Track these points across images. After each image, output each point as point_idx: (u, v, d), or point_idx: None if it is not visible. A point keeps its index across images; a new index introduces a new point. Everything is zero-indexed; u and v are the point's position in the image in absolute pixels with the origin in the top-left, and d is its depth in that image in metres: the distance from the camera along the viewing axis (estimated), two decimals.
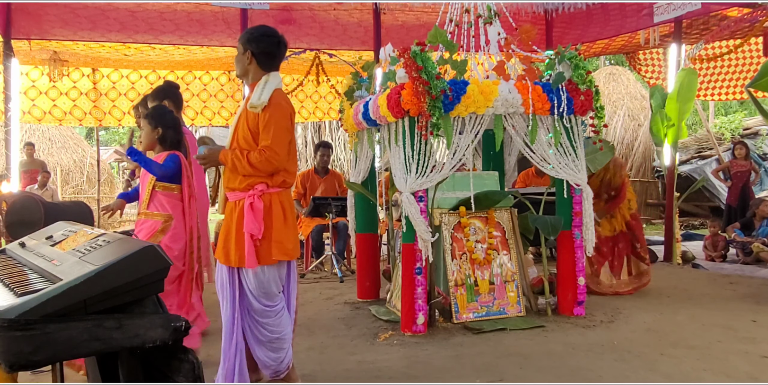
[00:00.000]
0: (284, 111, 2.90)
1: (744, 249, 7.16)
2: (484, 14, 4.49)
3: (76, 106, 9.12)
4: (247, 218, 2.86)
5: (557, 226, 4.40)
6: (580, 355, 3.58)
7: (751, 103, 10.02)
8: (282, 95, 2.96)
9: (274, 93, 2.90)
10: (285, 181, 2.95)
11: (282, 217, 2.91)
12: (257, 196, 2.87)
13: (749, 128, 12.75)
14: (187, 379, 1.90)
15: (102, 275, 1.76)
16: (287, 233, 2.91)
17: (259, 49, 2.95)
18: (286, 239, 2.90)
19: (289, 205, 2.97)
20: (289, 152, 2.93)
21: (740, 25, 7.59)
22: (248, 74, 3.00)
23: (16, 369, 1.66)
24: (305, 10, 7.53)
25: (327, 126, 20.22)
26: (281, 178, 2.92)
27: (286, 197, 2.98)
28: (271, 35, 2.98)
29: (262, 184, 2.89)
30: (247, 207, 2.87)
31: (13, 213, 5.59)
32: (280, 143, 2.84)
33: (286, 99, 2.99)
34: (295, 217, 3.04)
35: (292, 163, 2.98)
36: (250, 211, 2.86)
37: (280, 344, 2.98)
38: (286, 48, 3.07)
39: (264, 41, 2.95)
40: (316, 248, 6.74)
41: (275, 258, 2.88)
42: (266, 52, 2.96)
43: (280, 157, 2.84)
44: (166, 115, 3.66)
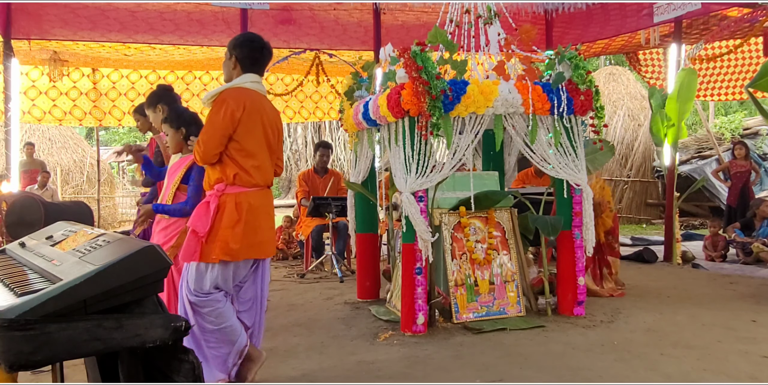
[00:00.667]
0: (226, 107, 2.94)
1: (744, 249, 7.16)
2: (484, 15, 4.49)
3: (76, 106, 9.12)
4: (194, 214, 3.00)
5: (557, 226, 4.40)
6: (580, 355, 3.58)
7: (751, 103, 10.02)
8: (235, 92, 3.00)
9: (226, 90, 3.00)
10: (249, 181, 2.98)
11: (235, 218, 2.94)
12: (215, 195, 2.98)
13: (749, 128, 12.75)
14: (187, 379, 1.90)
15: (102, 275, 1.76)
16: (234, 234, 2.93)
17: (242, 55, 3.07)
18: (232, 240, 2.93)
19: (252, 206, 2.98)
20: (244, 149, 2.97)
21: (740, 25, 7.59)
22: (233, 79, 3.10)
23: (16, 369, 1.66)
24: (305, 10, 7.53)
25: (327, 126, 20.25)
26: (242, 177, 2.97)
27: (254, 198, 3.00)
28: (254, 41, 3.10)
29: (220, 184, 2.99)
30: (201, 204, 3.03)
31: (13, 213, 5.59)
32: (207, 138, 2.94)
33: (238, 96, 2.99)
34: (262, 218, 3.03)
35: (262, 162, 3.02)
36: (201, 207, 3.00)
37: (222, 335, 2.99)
38: (270, 53, 3.17)
39: (248, 47, 3.07)
40: (316, 248, 6.74)
41: (217, 258, 2.93)
42: (250, 57, 3.07)
43: (205, 151, 2.95)
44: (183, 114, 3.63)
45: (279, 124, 3.21)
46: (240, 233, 2.95)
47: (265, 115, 3.06)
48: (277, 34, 7.74)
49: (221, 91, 3.01)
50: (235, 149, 2.98)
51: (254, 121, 3.00)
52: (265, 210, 3.07)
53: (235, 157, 2.98)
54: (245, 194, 2.99)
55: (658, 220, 11.40)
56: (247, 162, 2.99)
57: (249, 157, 3.00)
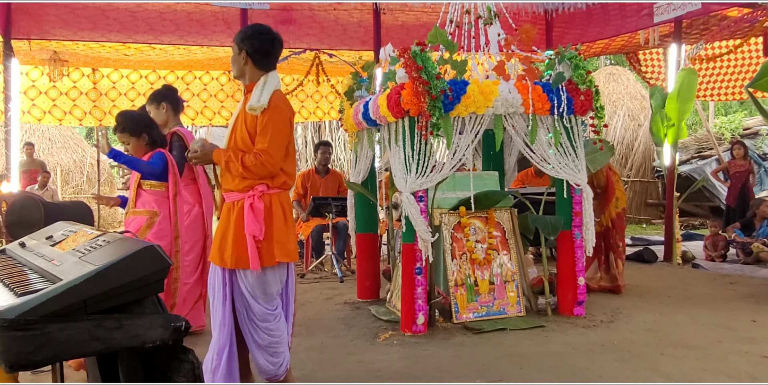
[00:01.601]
0: (283, 114, 2.83)
1: (744, 249, 7.16)
2: (484, 15, 4.49)
3: (76, 105, 9.12)
4: (248, 219, 2.79)
5: (557, 226, 4.40)
6: (580, 355, 3.58)
7: (751, 103, 10.02)
8: (281, 97, 2.89)
9: (274, 95, 2.83)
10: (285, 182, 2.91)
11: (282, 218, 2.86)
12: (257, 197, 2.81)
13: (749, 128, 12.75)
14: (187, 379, 1.90)
15: (102, 275, 1.76)
16: (288, 234, 2.87)
17: (253, 48, 2.86)
18: (287, 240, 2.85)
19: (288, 206, 2.94)
20: (288, 154, 2.89)
21: (740, 25, 7.59)
22: (245, 75, 2.92)
23: (16, 369, 1.66)
24: (305, 10, 7.53)
25: (327, 126, 20.22)
26: (282, 179, 2.88)
27: (285, 198, 2.95)
28: (264, 33, 2.89)
29: (262, 186, 2.83)
30: (247, 208, 2.80)
31: (13, 213, 5.60)
32: (276, 147, 2.77)
33: (286, 101, 2.92)
34: (293, 218, 3.01)
35: (291, 164, 2.93)
36: (250, 212, 2.80)
37: (279, 347, 2.91)
38: (282, 45, 2.97)
39: (257, 39, 2.86)
40: (316, 248, 6.74)
41: (278, 259, 2.82)
42: (261, 51, 2.87)
43: (275, 162, 2.77)
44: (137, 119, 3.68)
45: None
46: (292, 233, 2.89)
47: None
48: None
49: (270, 95, 2.81)
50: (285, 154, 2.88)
51: (293, 125, 2.93)
52: (292, 211, 3.01)
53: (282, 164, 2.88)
54: (283, 195, 2.91)
55: (658, 220, 11.40)
56: (290, 166, 2.91)
57: (291, 160, 2.91)
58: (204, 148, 2.91)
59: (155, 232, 3.66)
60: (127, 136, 3.62)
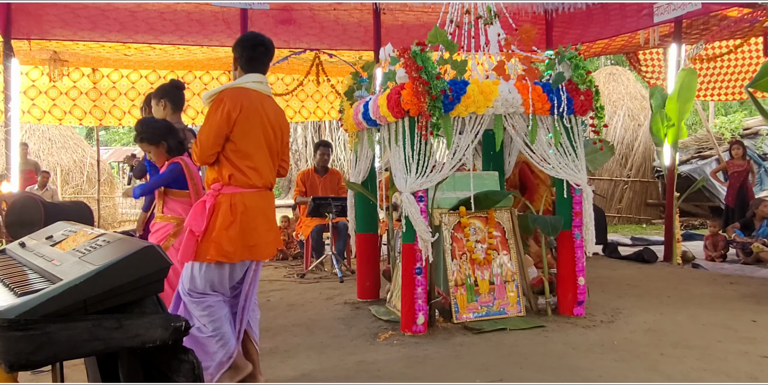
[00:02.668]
0: (222, 107, 2.91)
1: (744, 249, 7.16)
2: (484, 15, 4.49)
3: (76, 105, 9.12)
4: (191, 213, 2.98)
5: (557, 226, 4.40)
6: (580, 355, 3.58)
7: (751, 103, 10.02)
8: (233, 92, 2.97)
9: (226, 90, 2.99)
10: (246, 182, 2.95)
11: (229, 219, 2.91)
12: (211, 195, 2.96)
13: (749, 128, 12.75)
14: (187, 379, 1.90)
15: (102, 275, 1.76)
16: (228, 235, 2.90)
17: (239, 55, 3.06)
18: (226, 241, 2.90)
19: (244, 207, 2.94)
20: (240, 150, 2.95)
21: (740, 25, 7.59)
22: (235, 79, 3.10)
23: (16, 369, 1.66)
24: (305, 10, 7.53)
25: (327, 126, 20.26)
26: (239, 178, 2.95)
27: (244, 200, 2.96)
28: (249, 39, 3.08)
29: (216, 184, 2.98)
30: (198, 203, 3.00)
31: (13, 213, 5.60)
32: (205, 137, 2.93)
33: (236, 96, 2.96)
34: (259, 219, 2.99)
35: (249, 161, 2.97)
36: (197, 206, 2.98)
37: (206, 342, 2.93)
38: (269, 50, 3.11)
39: (241, 45, 3.06)
40: (316, 248, 6.74)
41: (212, 258, 2.90)
42: (245, 57, 3.05)
43: (201, 151, 2.94)
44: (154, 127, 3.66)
45: (283, 125, 3.16)
46: (235, 234, 2.92)
47: (265, 115, 3.02)
48: (277, 34, 7.73)
49: (220, 90, 2.99)
50: (231, 150, 2.96)
51: (252, 122, 2.96)
52: (262, 211, 3.02)
53: (230, 158, 2.96)
54: (241, 195, 2.95)
55: (658, 220, 11.40)
56: (242, 163, 2.96)
57: (245, 157, 2.96)
58: None
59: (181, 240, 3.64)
60: (147, 145, 3.60)
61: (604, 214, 8.05)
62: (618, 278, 6.05)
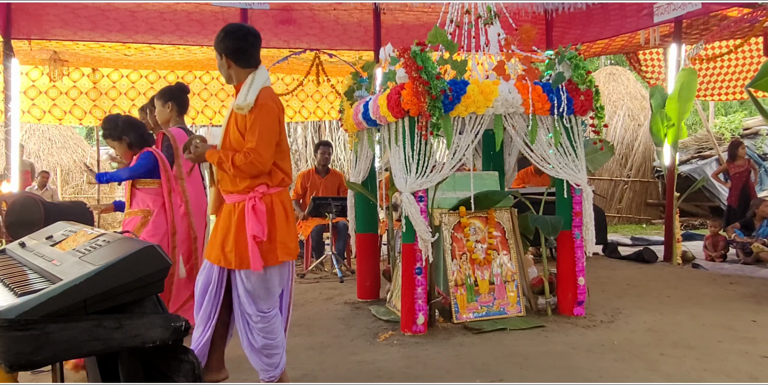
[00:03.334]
0: (271, 111, 2.81)
1: (744, 249, 7.16)
2: (484, 15, 4.49)
3: (76, 105, 9.11)
4: (250, 221, 2.79)
5: (557, 226, 4.40)
6: (580, 355, 3.58)
7: (751, 103, 10.01)
8: (269, 94, 2.86)
9: (261, 92, 2.82)
10: (284, 179, 2.92)
11: (284, 217, 2.88)
12: (258, 198, 2.82)
13: (749, 128, 12.74)
14: (187, 379, 1.90)
15: (102, 275, 1.76)
16: (290, 233, 2.89)
17: (229, 50, 2.85)
18: (289, 239, 2.87)
19: (289, 203, 2.95)
20: (282, 151, 2.89)
21: (740, 25, 7.59)
22: (233, 78, 2.92)
23: (16, 369, 1.66)
24: (305, 10, 7.53)
25: (327, 126, 20.23)
26: (279, 176, 2.88)
27: (286, 197, 2.96)
28: (235, 31, 2.87)
29: (262, 186, 2.84)
30: (248, 209, 2.80)
31: (13, 213, 5.58)
32: (265, 145, 2.76)
33: (274, 97, 2.90)
34: (294, 216, 3.01)
35: (286, 161, 2.93)
36: (252, 213, 2.79)
37: (274, 349, 2.93)
38: (258, 39, 2.90)
39: (230, 39, 2.85)
40: (316, 248, 6.74)
41: (281, 259, 2.84)
42: (238, 49, 2.85)
43: (265, 160, 2.77)
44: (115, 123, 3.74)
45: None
46: (293, 231, 2.91)
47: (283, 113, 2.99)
48: (277, 34, 7.73)
49: (258, 94, 2.81)
50: (277, 152, 2.85)
51: (283, 122, 2.92)
52: (293, 208, 3.03)
53: (276, 161, 2.86)
54: (283, 193, 2.93)
55: (658, 220, 11.40)
56: (285, 164, 2.91)
57: (285, 158, 2.91)
58: (197, 148, 2.93)
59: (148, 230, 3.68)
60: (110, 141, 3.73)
61: (604, 214, 8.04)
62: (618, 278, 6.05)
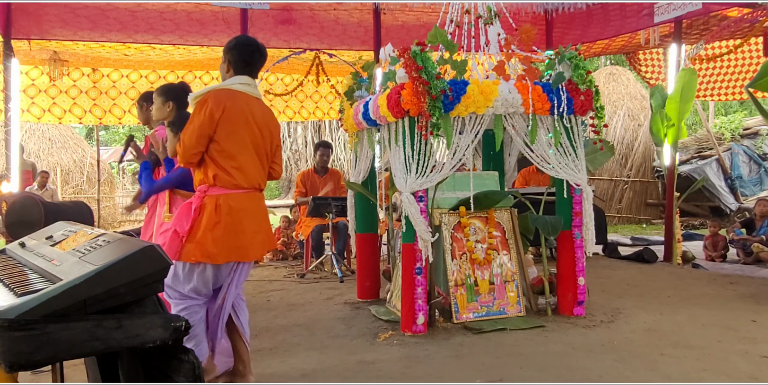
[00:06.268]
0: (206, 107, 2.93)
1: (744, 249, 7.16)
2: (484, 15, 4.49)
3: (75, 104, 9.12)
4: (177, 214, 3.04)
5: (557, 226, 4.40)
6: (580, 355, 3.58)
7: (751, 103, 10.01)
8: (217, 93, 2.99)
9: (210, 91, 3.00)
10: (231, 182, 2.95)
11: (214, 219, 2.91)
12: (198, 196, 2.99)
13: (749, 128, 12.74)
14: (188, 379, 1.90)
15: (102, 275, 1.76)
16: (213, 236, 2.90)
17: (234, 58, 3.08)
18: (211, 242, 2.90)
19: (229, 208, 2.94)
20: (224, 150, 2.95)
21: (740, 25, 7.58)
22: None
23: (16, 369, 1.66)
24: (305, 10, 7.53)
25: (327, 126, 20.26)
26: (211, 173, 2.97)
27: (234, 200, 2.96)
28: (247, 44, 3.11)
29: (203, 185, 3.00)
30: (184, 204, 3.04)
31: (13, 213, 5.59)
32: (188, 138, 2.95)
33: (220, 97, 2.97)
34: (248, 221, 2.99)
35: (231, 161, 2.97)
36: (184, 208, 3.02)
37: None
38: (264, 56, 3.16)
39: (239, 50, 3.08)
40: (316, 248, 6.74)
41: (194, 258, 2.91)
42: (241, 60, 3.08)
43: (184, 151, 2.97)
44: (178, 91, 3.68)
45: (272, 126, 3.16)
46: (219, 236, 2.91)
47: (251, 116, 3.02)
48: (277, 34, 7.74)
49: (205, 92, 3.01)
50: (215, 150, 2.97)
51: (236, 123, 2.97)
52: (249, 213, 3.00)
53: (215, 158, 2.97)
54: (226, 196, 2.95)
55: (658, 220, 11.39)
56: (227, 163, 2.97)
57: (229, 158, 2.97)
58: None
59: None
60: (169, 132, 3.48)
61: (604, 214, 8.04)
62: (618, 278, 6.05)
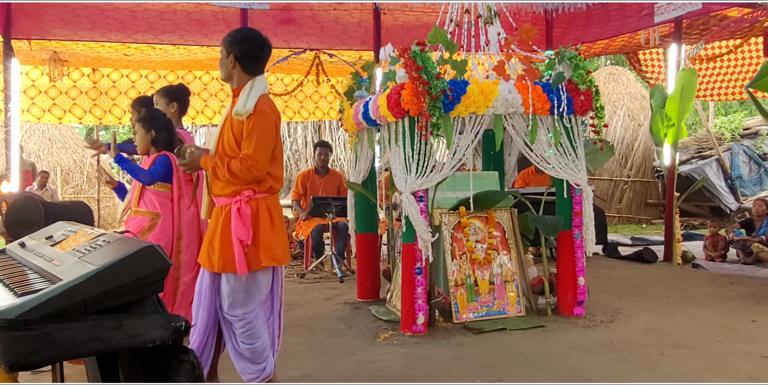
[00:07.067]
0: (269, 119, 2.84)
1: (744, 249, 7.16)
2: (484, 14, 4.49)
3: (75, 104, 9.12)
4: (235, 224, 2.81)
5: (557, 226, 4.40)
6: (580, 355, 3.58)
7: (751, 103, 10.01)
8: (267, 102, 2.90)
9: (260, 100, 2.84)
10: (272, 186, 2.93)
11: (269, 222, 2.88)
12: (244, 201, 2.84)
13: (749, 128, 12.74)
14: (187, 379, 1.90)
15: (102, 275, 1.76)
16: (275, 239, 2.88)
17: (242, 53, 2.88)
18: (274, 245, 2.87)
19: (276, 210, 2.94)
20: (274, 158, 2.90)
21: (740, 25, 7.58)
22: (232, 78, 2.94)
23: (16, 369, 1.66)
24: (305, 10, 7.53)
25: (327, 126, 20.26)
26: (268, 183, 2.90)
27: (273, 202, 2.95)
28: (254, 38, 2.91)
29: (248, 190, 2.86)
30: (234, 212, 2.82)
31: (13, 213, 5.58)
32: (261, 153, 2.79)
33: (272, 105, 2.93)
34: (283, 222, 2.99)
35: (278, 168, 2.95)
36: (237, 216, 2.81)
37: (259, 355, 2.91)
38: (270, 51, 2.98)
39: (247, 44, 2.88)
40: (316, 248, 6.74)
41: (264, 264, 2.84)
42: (250, 56, 2.89)
43: (261, 167, 2.79)
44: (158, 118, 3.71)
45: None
46: (279, 237, 2.90)
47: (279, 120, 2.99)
48: (277, 34, 7.74)
49: (257, 101, 2.83)
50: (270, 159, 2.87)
51: (278, 130, 2.93)
52: (282, 214, 3.03)
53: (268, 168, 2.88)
54: (271, 199, 2.93)
55: (658, 220, 11.39)
56: (276, 170, 2.92)
57: (277, 164, 2.93)
58: (192, 155, 2.94)
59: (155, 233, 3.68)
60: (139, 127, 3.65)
61: (604, 214, 8.04)
62: (618, 278, 6.05)
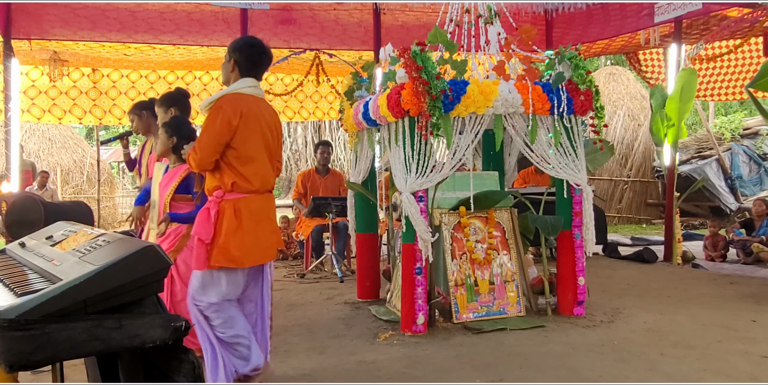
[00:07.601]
0: (222, 114, 2.90)
1: (744, 249, 7.16)
2: (485, 14, 4.49)
3: (75, 104, 9.12)
4: (196, 222, 3.00)
5: (557, 226, 4.40)
6: (580, 355, 3.58)
7: (751, 103, 10.01)
8: (232, 98, 2.96)
9: (223, 96, 2.97)
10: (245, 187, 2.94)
11: (235, 223, 2.91)
12: (215, 202, 2.95)
13: (749, 128, 12.74)
14: (188, 379, 1.90)
15: (102, 275, 1.76)
16: (238, 240, 2.91)
17: (241, 58, 3.04)
18: (233, 246, 2.90)
19: (248, 212, 2.95)
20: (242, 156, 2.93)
21: (740, 25, 7.59)
22: (230, 82, 3.08)
23: (16, 369, 1.66)
24: (305, 10, 7.53)
25: (327, 126, 20.26)
26: (231, 180, 2.93)
27: (246, 204, 2.96)
28: (255, 46, 3.07)
29: (219, 191, 2.97)
30: (201, 211, 2.99)
31: (13, 213, 5.58)
32: (205, 145, 2.91)
33: (236, 103, 2.96)
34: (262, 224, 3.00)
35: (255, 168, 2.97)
36: (201, 214, 2.98)
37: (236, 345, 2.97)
38: (270, 58, 3.13)
39: (247, 51, 3.04)
40: (316, 248, 6.74)
41: (217, 264, 2.89)
42: (249, 61, 3.04)
43: (201, 158, 2.91)
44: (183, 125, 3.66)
45: (278, 127, 3.18)
46: (240, 239, 2.92)
47: (263, 119, 3.03)
48: (277, 34, 7.74)
49: (218, 97, 2.98)
50: (232, 156, 2.94)
51: (252, 128, 2.96)
52: (266, 214, 3.04)
53: (232, 165, 2.94)
54: (244, 200, 2.95)
55: (658, 220, 11.39)
56: (246, 169, 2.96)
57: (247, 163, 2.96)
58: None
59: None
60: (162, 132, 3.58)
61: (604, 214, 8.04)
62: (618, 278, 6.06)
